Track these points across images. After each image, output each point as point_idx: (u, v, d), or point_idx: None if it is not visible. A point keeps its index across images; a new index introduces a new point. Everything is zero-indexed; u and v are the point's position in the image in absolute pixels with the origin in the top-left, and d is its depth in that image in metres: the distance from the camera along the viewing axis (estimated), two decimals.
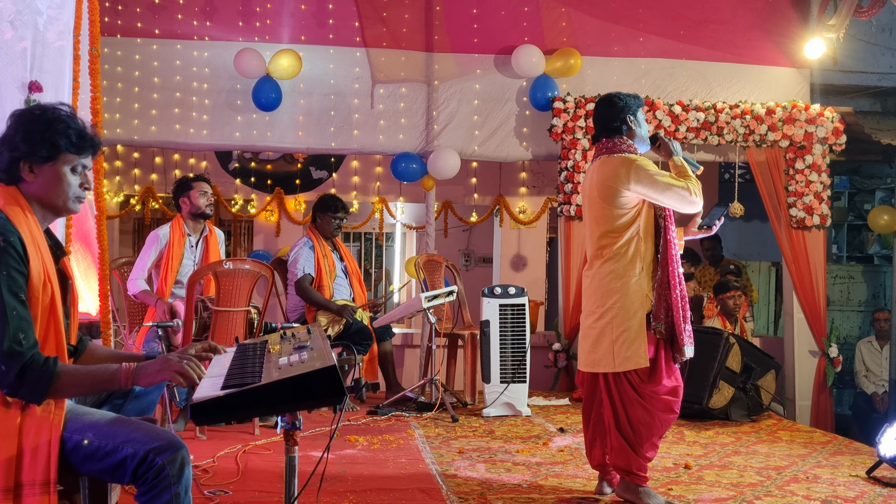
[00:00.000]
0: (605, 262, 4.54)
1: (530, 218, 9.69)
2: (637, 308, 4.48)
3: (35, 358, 2.61)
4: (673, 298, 4.44)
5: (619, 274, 4.50)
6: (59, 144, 2.80)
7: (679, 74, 8.52)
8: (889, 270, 9.22)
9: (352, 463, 5.25)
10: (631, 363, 4.45)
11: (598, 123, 4.68)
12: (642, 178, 4.42)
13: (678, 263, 4.51)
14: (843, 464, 5.61)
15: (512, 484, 4.87)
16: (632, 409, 4.48)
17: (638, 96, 4.69)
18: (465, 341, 7.46)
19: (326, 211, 7.28)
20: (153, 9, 8.08)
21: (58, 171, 2.83)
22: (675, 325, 4.44)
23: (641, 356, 4.44)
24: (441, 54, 8.40)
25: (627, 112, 4.59)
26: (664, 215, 4.51)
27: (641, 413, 4.46)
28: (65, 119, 2.83)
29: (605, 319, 4.53)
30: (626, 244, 4.49)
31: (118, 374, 2.70)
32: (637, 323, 4.46)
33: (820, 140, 8.21)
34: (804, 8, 8.67)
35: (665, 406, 4.50)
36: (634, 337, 4.45)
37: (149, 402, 3.22)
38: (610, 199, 4.49)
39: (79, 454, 2.72)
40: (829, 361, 8.24)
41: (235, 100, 8.12)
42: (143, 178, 9.13)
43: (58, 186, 2.84)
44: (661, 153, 4.70)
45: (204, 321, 5.97)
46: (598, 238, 4.58)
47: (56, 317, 2.76)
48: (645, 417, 4.46)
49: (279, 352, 2.97)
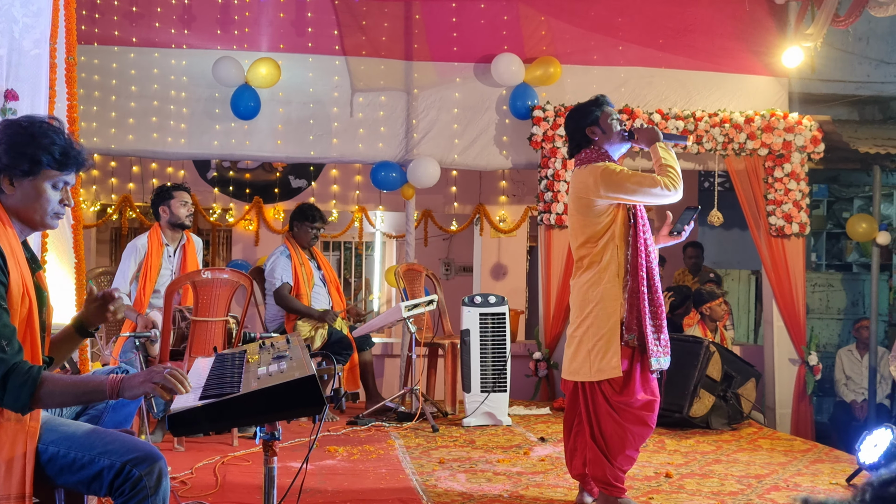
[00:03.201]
0: (585, 272, 4.57)
1: (510, 227, 9.69)
2: (611, 315, 4.48)
3: (19, 365, 2.58)
4: (642, 308, 4.44)
5: (594, 282, 4.53)
6: (41, 160, 2.76)
7: (658, 83, 8.54)
8: (868, 278, 9.27)
9: (331, 474, 5.21)
10: (605, 374, 4.44)
11: (568, 142, 4.77)
12: (610, 183, 4.44)
13: (650, 271, 4.50)
14: (824, 472, 5.62)
15: (493, 494, 4.84)
16: (605, 421, 4.46)
17: (598, 99, 4.67)
18: (446, 350, 7.44)
19: (304, 220, 7.25)
20: (130, 17, 8.02)
21: (37, 187, 2.79)
22: (644, 336, 4.43)
23: (615, 366, 4.42)
24: (421, 63, 8.38)
25: (586, 123, 4.61)
26: (635, 222, 4.51)
27: (613, 426, 4.45)
28: (50, 134, 2.79)
29: (582, 328, 4.55)
30: (601, 251, 4.52)
31: (104, 385, 2.65)
32: (609, 331, 4.46)
33: (798, 148, 8.24)
34: (782, 17, 8.71)
35: (638, 419, 4.47)
36: (607, 346, 4.45)
37: (126, 414, 3.19)
38: (583, 209, 4.54)
39: (55, 466, 2.69)
40: (809, 369, 8.26)
41: (214, 108, 8.07)
42: (120, 187, 9.07)
43: (36, 202, 2.80)
44: (642, 143, 4.67)
45: (182, 331, 5.92)
46: (577, 248, 4.62)
47: (33, 329, 2.73)
48: (617, 430, 4.45)
49: (258, 362, 2.94)
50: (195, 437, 5.88)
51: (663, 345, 4.50)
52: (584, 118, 4.62)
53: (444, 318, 8.04)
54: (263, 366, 2.82)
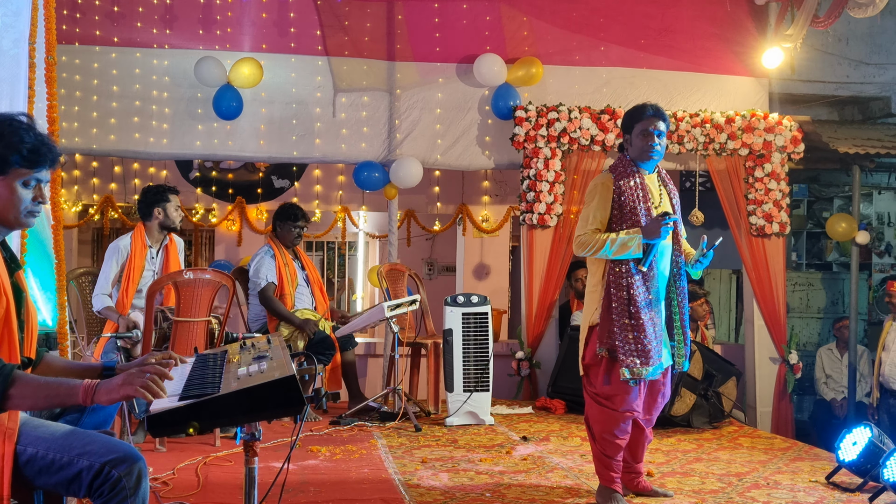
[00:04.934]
0: (588, 277, 4.86)
1: (493, 226, 9.71)
2: (587, 316, 4.74)
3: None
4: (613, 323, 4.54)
5: (589, 288, 4.78)
6: (10, 159, 2.74)
7: (640, 83, 8.57)
8: (848, 278, 9.33)
9: (314, 473, 5.21)
10: (581, 369, 4.78)
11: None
12: (587, 197, 4.72)
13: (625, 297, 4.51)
14: (803, 469, 5.66)
15: (475, 493, 4.86)
16: (588, 409, 4.75)
17: (638, 109, 4.69)
18: (428, 350, 7.45)
19: (286, 220, 7.24)
20: (112, 17, 8.00)
21: (8, 185, 2.77)
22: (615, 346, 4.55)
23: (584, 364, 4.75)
24: (403, 63, 8.39)
25: (623, 131, 4.77)
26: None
27: (594, 412, 4.71)
28: (19, 132, 2.76)
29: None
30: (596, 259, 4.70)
31: (77, 390, 2.62)
32: (584, 329, 4.75)
33: (779, 148, 8.30)
34: (762, 18, 8.77)
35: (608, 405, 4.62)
36: (582, 346, 4.77)
37: (106, 415, 3.18)
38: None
39: (33, 467, 2.68)
40: (790, 368, 8.32)
41: (196, 108, 8.05)
42: (101, 187, 9.04)
43: (8, 201, 2.78)
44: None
45: (164, 332, 5.91)
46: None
47: (10, 329, 2.71)
48: (595, 415, 4.69)
49: (238, 362, 2.94)
50: (177, 438, 5.87)
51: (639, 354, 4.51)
52: (623, 123, 4.78)
53: (426, 317, 8.05)
54: (244, 366, 2.82)
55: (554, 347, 8.26)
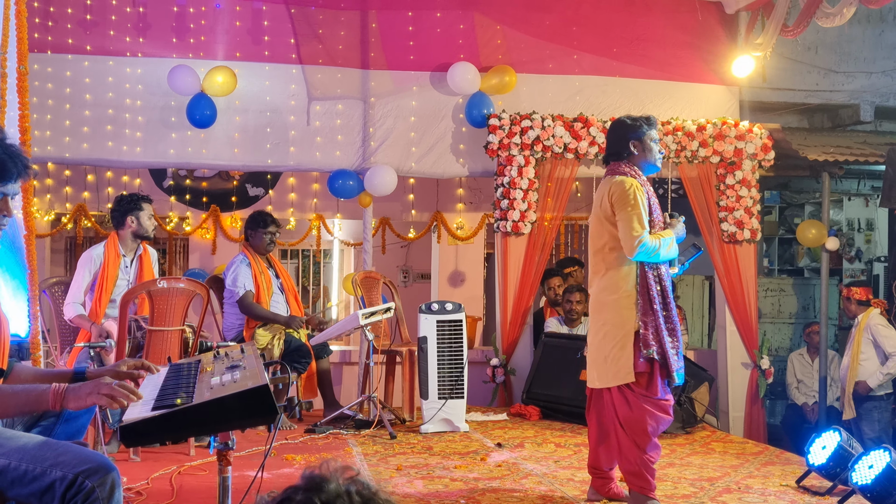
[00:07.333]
0: (602, 278, 4.79)
1: (468, 234, 9.73)
2: (625, 321, 4.66)
3: None
4: (658, 326, 4.62)
5: (611, 290, 4.73)
6: None
7: (612, 91, 8.63)
8: (819, 283, 9.43)
9: (289, 481, 5.19)
10: (620, 378, 4.66)
11: (608, 146, 4.96)
12: (621, 202, 4.64)
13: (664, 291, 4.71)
14: (774, 474, 5.72)
15: (450, 500, 4.88)
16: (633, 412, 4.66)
17: (650, 118, 4.86)
18: (403, 358, 7.46)
19: (257, 227, 7.26)
20: (84, 25, 7.96)
21: None
22: (665, 354, 4.61)
23: (628, 371, 4.63)
24: (377, 71, 8.40)
25: (633, 135, 4.79)
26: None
27: (641, 414, 4.65)
28: None
29: (599, 335, 4.78)
30: (619, 261, 4.69)
31: (46, 395, 2.63)
32: (624, 337, 4.65)
33: (749, 156, 8.38)
34: (732, 27, 8.86)
35: (661, 408, 4.69)
36: (621, 352, 4.65)
37: (79, 426, 3.18)
38: (603, 217, 4.74)
39: (5, 478, 2.67)
40: (762, 373, 8.39)
41: (169, 117, 8.03)
42: (74, 196, 8.99)
43: None
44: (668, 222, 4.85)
45: (137, 341, 5.89)
46: (594, 254, 4.83)
47: None
48: (643, 417, 4.64)
49: (212, 371, 2.95)
50: (151, 448, 5.85)
51: (680, 362, 4.72)
52: (632, 130, 4.81)
53: (401, 325, 8.06)
54: (217, 375, 2.83)
55: (529, 354, 8.30)
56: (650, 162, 4.85)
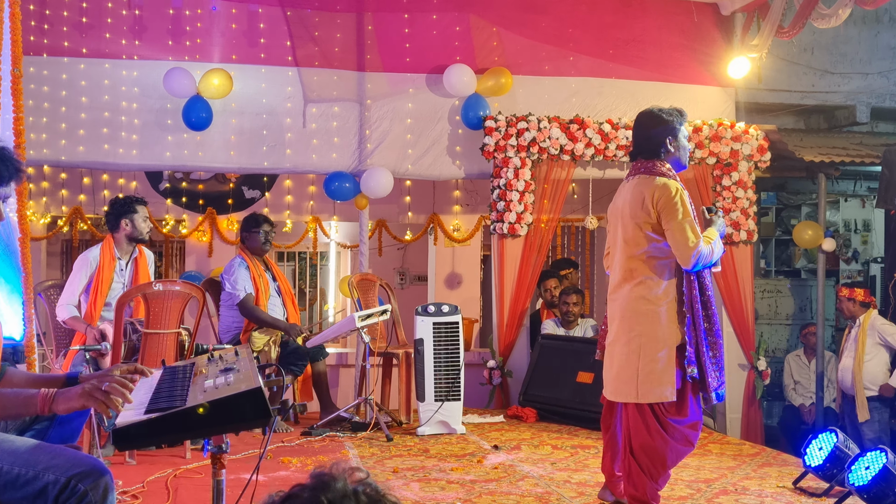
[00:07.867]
0: (636, 286, 4.44)
1: (464, 236, 9.73)
2: (667, 337, 4.38)
3: None
4: (700, 341, 4.34)
5: (649, 299, 4.41)
6: None
7: (608, 93, 8.64)
8: (815, 284, 9.43)
9: (285, 485, 5.18)
10: (655, 396, 4.36)
11: (638, 141, 4.61)
12: (669, 209, 4.34)
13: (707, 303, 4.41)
14: (771, 475, 5.72)
15: (446, 502, 4.88)
16: (654, 438, 4.39)
17: (682, 113, 4.61)
18: (400, 360, 7.46)
19: (250, 228, 7.27)
20: (80, 28, 7.96)
21: None
22: (704, 370, 4.35)
23: (668, 391, 4.34)
24: (373, 73, 8.40)
25: (668, 135, 4.52)
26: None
27: (660, 443, 4.38)
28: None
29: (631, 346, 4.44)
30: (659, 269, 4.41)
31: (35, 398, 2.62)
32: (667, 356, 4.35)
33: (745, 157, 8.38)
34: (728, 28, 8.87)
35: (684, 438, 4.46)
36: (663, 371, 4.35)
37: (73, 429, 3.16)
38: (643, 221, 4.42)
39: None
40: (758, 374, 8.39)
41: (165, 119, 8.02)
42: (70, 198, 8.98)
43: None
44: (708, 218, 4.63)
45: (133, 344, 5.89)
46: (626, 260, 4.49)
47: None
48: (663, 447, 4.39)
49: (206, 374, 2.94)
50: (147, 451, 5.84)
51: (722, 377, 4.45)
52: (666, 127, 4.52)
53: (397, 327, 8.06)
54: (211, 378, 2.83)
55: (525, 356, 8.29)
56: (681, 160, 4.59)
